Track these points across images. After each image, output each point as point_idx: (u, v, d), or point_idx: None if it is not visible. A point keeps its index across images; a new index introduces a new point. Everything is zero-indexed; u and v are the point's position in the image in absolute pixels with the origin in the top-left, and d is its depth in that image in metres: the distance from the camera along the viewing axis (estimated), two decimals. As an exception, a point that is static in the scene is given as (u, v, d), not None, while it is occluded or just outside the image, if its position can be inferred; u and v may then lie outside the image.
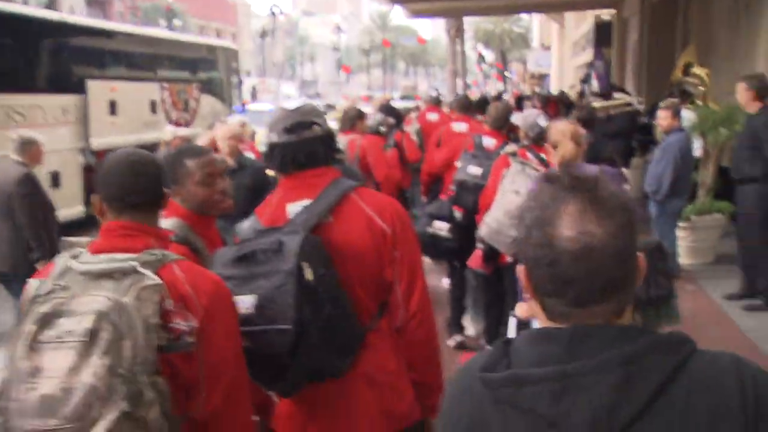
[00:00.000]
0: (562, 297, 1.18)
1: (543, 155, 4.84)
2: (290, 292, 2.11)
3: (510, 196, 4.53)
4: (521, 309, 3.90)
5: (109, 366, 1.67)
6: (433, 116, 9.67)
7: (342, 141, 6.03)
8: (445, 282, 6.66)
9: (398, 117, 8.43)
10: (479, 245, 5.02)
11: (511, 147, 5.22)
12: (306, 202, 2.36)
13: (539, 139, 4.99)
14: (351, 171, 5.23)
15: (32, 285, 1.84)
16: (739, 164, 6.61)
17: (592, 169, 4.39)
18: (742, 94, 6.57)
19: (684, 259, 7.80)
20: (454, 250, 5.66)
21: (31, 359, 1.69)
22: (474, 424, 1.23)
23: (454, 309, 6.05)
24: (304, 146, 2.38)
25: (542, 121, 5.13)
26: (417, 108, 18.81)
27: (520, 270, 1.25)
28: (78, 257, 1.86)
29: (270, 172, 4.51)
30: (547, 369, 1.13)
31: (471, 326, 6.07)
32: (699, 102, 9.33)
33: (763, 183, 6.46)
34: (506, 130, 6.16)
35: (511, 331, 4.04)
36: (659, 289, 3.62)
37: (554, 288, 1.18)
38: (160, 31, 18.56)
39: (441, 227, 5.59)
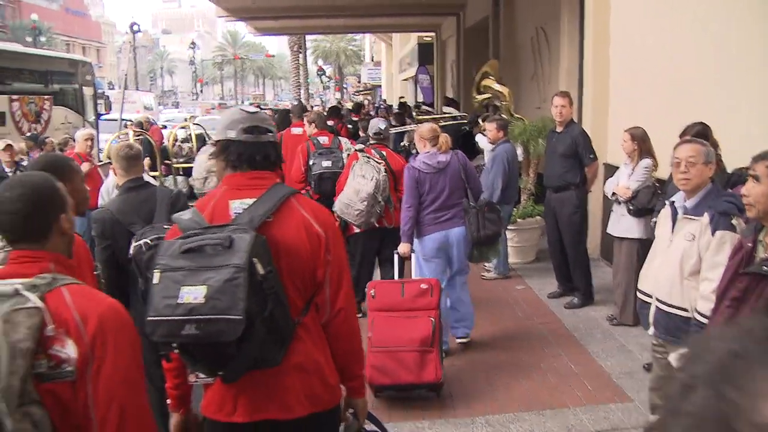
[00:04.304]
0: None
1: (383, 152, 5.67)
2: (242, 285, 1.93)
3: (359, 179, 5.38)
4: (402, 248, 4.88)
5: None
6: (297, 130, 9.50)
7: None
8: None
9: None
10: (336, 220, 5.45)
11: (359, 145, 6.07)
12: (249, 201, 2.17)
13: (381, 139, 5.83)
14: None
15: None
16: (560, 173, 6.13)
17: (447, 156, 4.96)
18: (568, 108, 6.11)
19: (512, 258, 7.36)
20: None
21: None
22: None
23: None
24: (261, 148, 2.23)
25: (382, 125, 5.99)
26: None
27: None
28: None
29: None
30: None
31: None
32: (504, 115, 8.94)
33: (582, 188, 6.17)
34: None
35: (395, 263, 5.12)
36: (486, 231, 4.75)
37: None
38: (8, 45, 16.10)
39: None
